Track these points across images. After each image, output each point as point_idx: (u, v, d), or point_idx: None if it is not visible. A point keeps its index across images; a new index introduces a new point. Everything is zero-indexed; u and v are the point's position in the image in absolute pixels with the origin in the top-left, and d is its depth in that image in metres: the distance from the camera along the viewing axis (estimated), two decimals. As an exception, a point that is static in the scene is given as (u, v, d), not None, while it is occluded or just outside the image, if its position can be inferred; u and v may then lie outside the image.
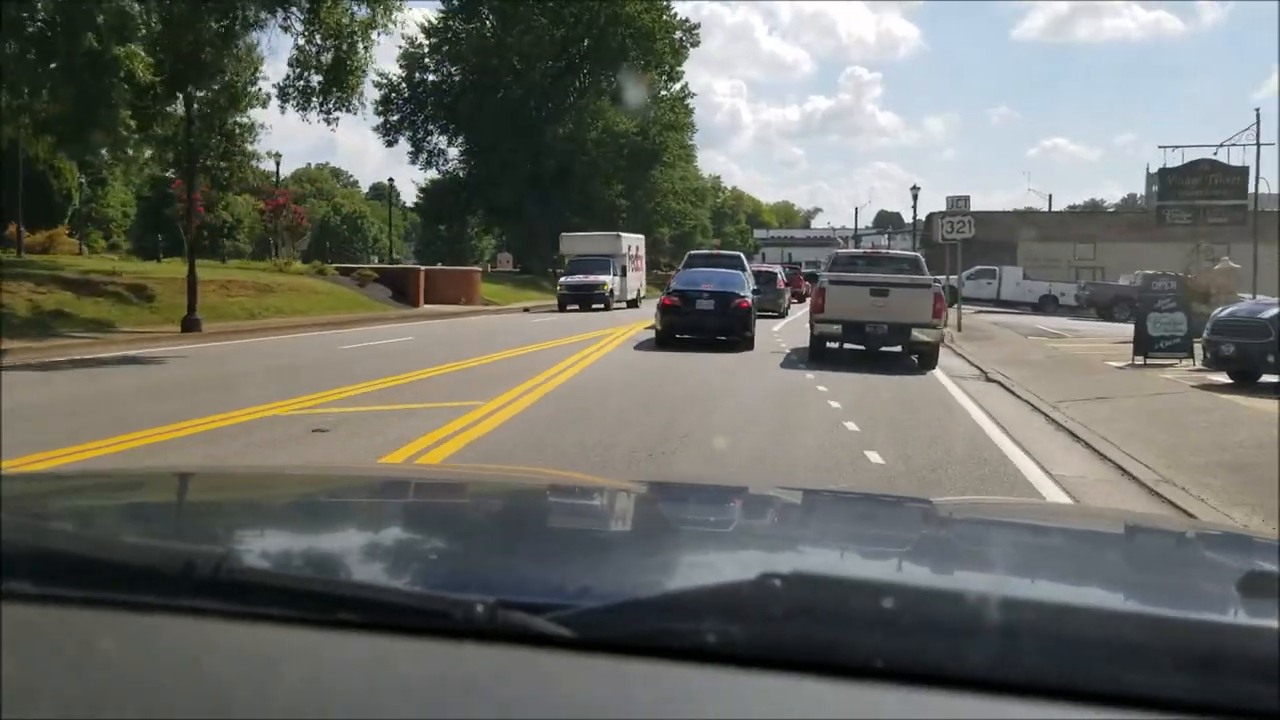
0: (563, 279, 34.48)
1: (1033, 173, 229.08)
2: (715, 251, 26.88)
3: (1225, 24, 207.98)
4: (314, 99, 19.95)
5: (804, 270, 55.10)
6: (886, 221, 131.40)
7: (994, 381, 13.73)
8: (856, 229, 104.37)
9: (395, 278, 31.96)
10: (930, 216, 59.43)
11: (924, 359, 14.75)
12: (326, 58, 19.52)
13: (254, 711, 0.75)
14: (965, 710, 0.75)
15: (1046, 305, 42.05)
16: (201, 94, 19.31)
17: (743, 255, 25.89)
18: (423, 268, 33.78)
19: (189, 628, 0.86)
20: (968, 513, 1.97)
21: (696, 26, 54.04)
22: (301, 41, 19.64)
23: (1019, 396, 11.71)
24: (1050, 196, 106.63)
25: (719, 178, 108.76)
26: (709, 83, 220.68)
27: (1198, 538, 1.81)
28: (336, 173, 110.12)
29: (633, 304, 35.45)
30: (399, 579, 1.07)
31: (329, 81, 19.62)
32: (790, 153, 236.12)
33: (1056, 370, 14.73)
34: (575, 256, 35.25)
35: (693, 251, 25.82)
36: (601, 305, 32.63)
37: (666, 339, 17.41)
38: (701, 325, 17.23)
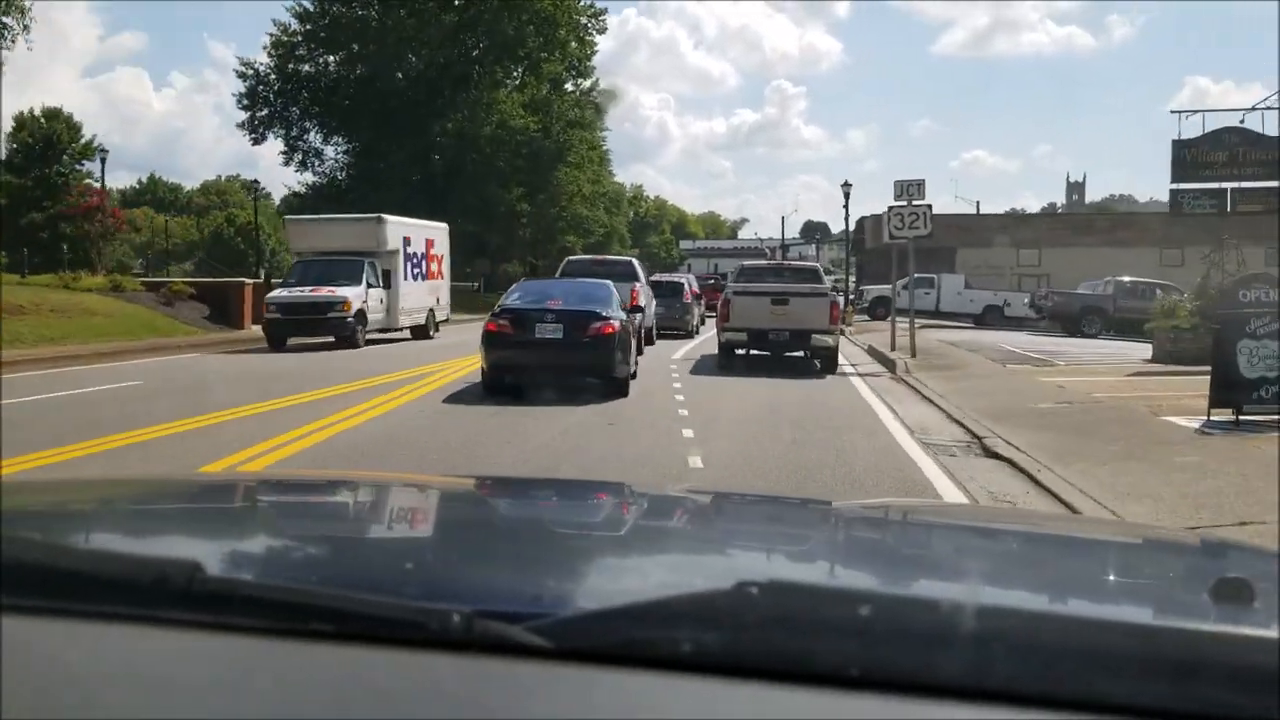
0: (272, 294, 21.18)
1: (955, 184, 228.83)
2: (600, 258, 20.65)
3: (1135, 39, 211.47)
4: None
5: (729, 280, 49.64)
6: (813, 231, 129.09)
7: (1001, 458, 7.97)
8: (784, 239, 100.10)
9: (214, 294, 25.32)
10: (862, 221, 54.30)
11: (824, 362, 15.57)
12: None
13: None
14: (939, 717, 0.74)
15: (991, 317, 36.84)
16: None
17: (636, 263, 19.82)
18: (250, 282, 27.17)
19: (162, 639, 0.85)
20: (941, 521, 1.91)
21: (603, 12, 48.13)
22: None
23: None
24: (978, 204, 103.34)
25: (641, 186, 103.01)
26: (637, 96, 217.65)
27: (1170, 545, 1.76)
28: (250, 185, 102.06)
29: (421, 332, 23.36)
30: (374, 589, 0.95)
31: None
32: (718, 165, 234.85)
33: (1097, 435, 8.96)
34: (307, 256, 22.16)
35: (571, 258, 19.63)
36: (343, 335, 19.80)
37: (495, 384, 11.31)
38: (544, 361, 11.17)
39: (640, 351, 18.33)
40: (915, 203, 17.37)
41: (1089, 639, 0.81)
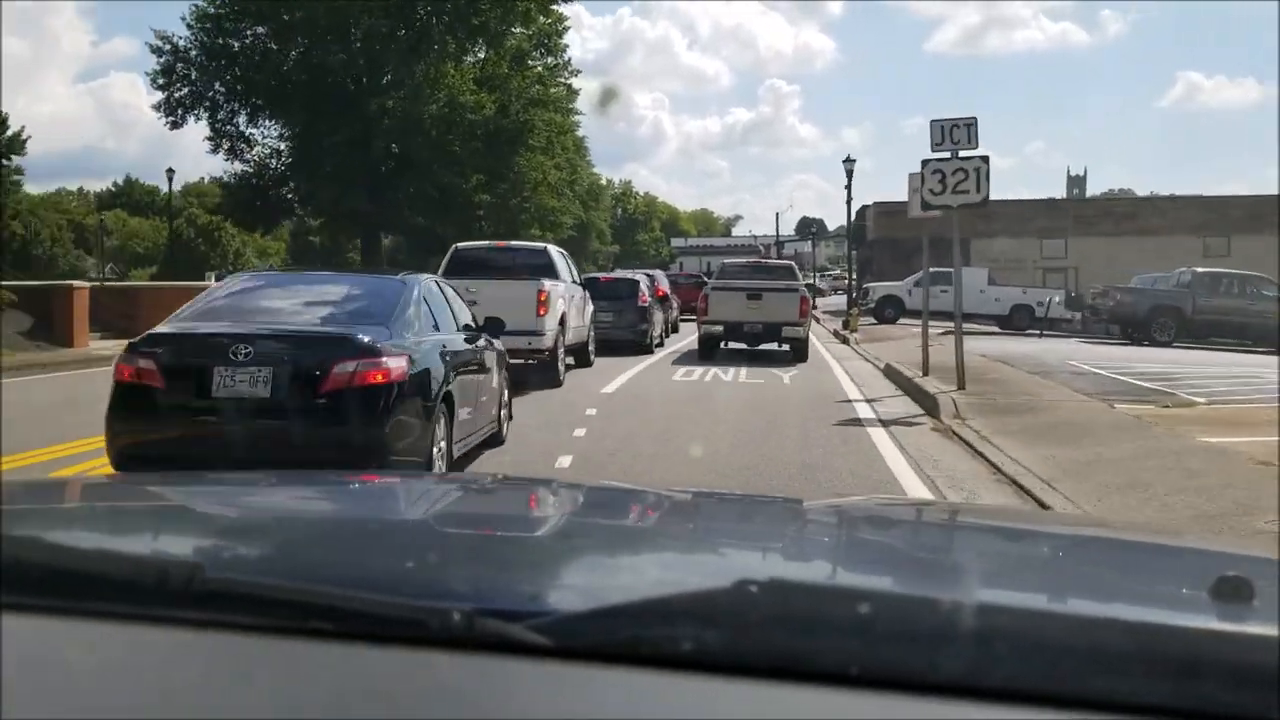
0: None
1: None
2: (504, 244, 14.29)
3: (1128, 35, 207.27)
4: None
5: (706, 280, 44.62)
6: (809, 227, 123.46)
7: None
8: (778, 235, 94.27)
9: (37, 301, 19.23)
10: (864, 210, 48.13)
11: (796, 352, 16.37)
12: None
13: None
14: (940, 715, 0.74)
15: (1020, 318, 30.70)
16: None
17: (555, 251, 13.37)
18: (87, 285, 21.02)
19: (163, 637, 0.84)
20: (941, 519, 1.93)
21: (571, -20, 42.00)
22: None
23: None
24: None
25: (630, 182, 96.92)
26: (631, 96, 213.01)
27: (1170, 544, 1.74)
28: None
29: None
30: (374, 587, 0.94)
31: None
32: (713, 164, 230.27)
33: None
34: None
35: (461, 244, 13.31)
36: None
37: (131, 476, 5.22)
38: (228, 449, 4.96)
39: (559, 381, 12.42)
40: (964, 154, 11.31)
41: (1089, 637, 0.80)
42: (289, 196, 39.16)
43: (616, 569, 1.26)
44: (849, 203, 26.06)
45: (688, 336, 23.73)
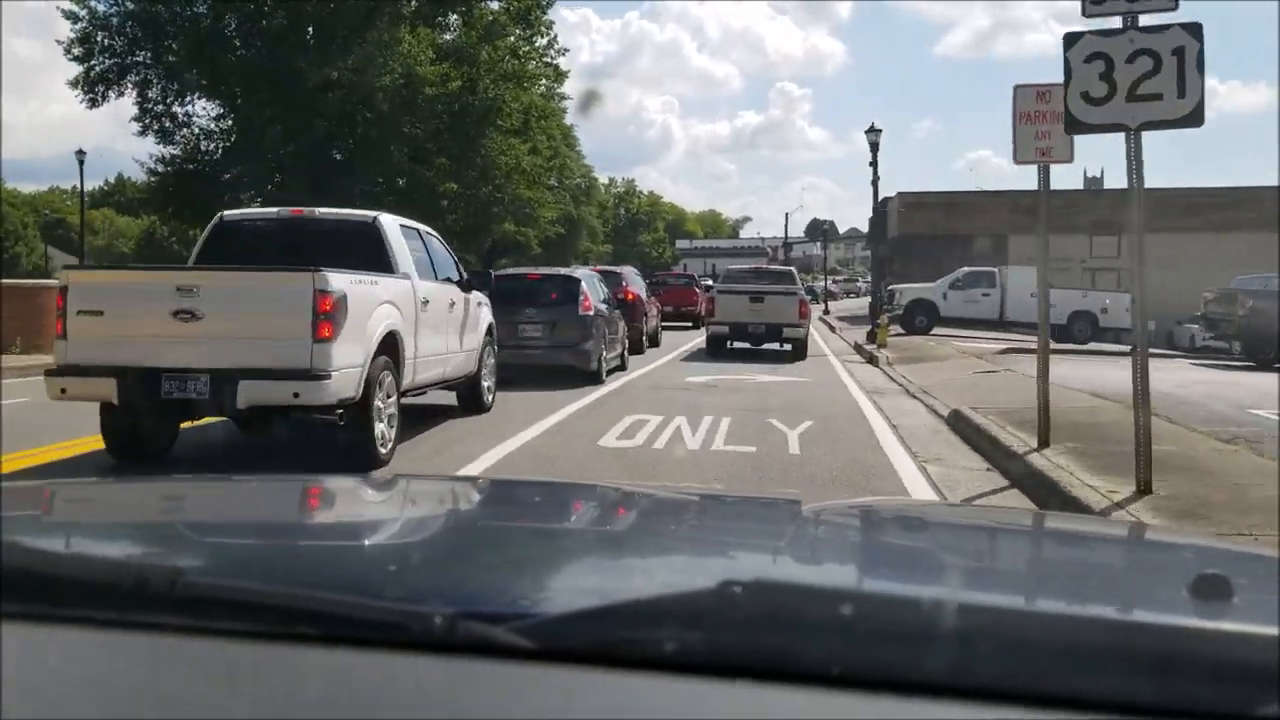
0: None
1: (959, 187, 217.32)
2: (295, 211, 8.34)
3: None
4: None
5: (712, 284, 39.60)
6: (819, 229, 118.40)
7: None
8: (787, 237, 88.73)
9: None
10: (885, 203, 42.21)
11: (795, 350, 16.90)
12: None
13: None
14: (922, 715, 0.73)
15: (1079, 329, 24.96)
16: None
17: (394, 223, 7.33)
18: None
19: (143, 643, 0.83)
20: (924, 519, 1.86)
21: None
22: None
23: None
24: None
25: (633, 181, 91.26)
26: (639, 99, 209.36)
27: (1149, 542, 1.76)
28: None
29: None
30: (357, 591, 0.92)
31: None
32: (721, 168, 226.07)
33: None
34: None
35: (228, 212, 7.57)
36: None
37: None
38: None
39: (373, 459, 6.13)
40: (1148, 21, 5.55)
41: (1070, 635, 0.80)
42: (228, 184, 33.50)
43: (600, 570, 1.25)
44: (875, 181, 20.30)
45: (668, 353, 18.06)
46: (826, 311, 43.41)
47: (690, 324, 28.94)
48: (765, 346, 17.38)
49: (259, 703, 0.76)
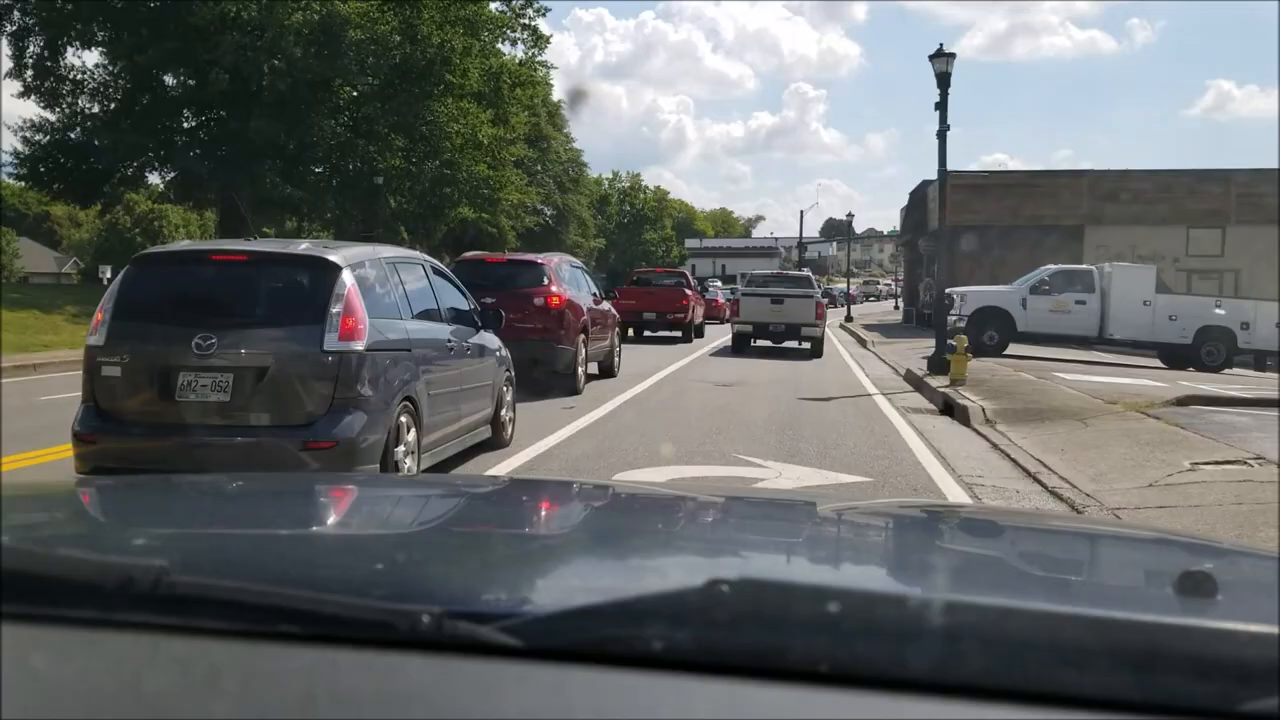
0: None
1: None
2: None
3: (1157, 42, 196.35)
4: None
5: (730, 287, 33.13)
6: (834, 230, 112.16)
7: None
8: (801, 236, 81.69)
9: None
10: (922, 189, 35.09)
11: (813, 347, 17.72)
12: None
13: None
14: (909, 712, 0.73)
15: (1211, 352, 17.87)
16: None
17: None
18: None
19: (128, 642, 0.82)
20: (908, 517, 1.87)
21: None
22: None
23: None
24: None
25: (639, 175, 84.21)
26: (654, 99, 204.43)
27: (1133, 539, 1.75)
28: None
29: None
30: (343, 590, 0.91)
31: None
32: (736, 169, 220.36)
33: None
34: None
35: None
36: None
37: None
38: None
39: None
40: None
41: (1054, 632, 0.79)
42: (110, 154, 26.55)
43: (589, 569, 1.23)
44: (943, 135, 13.16)
45: (626, 390, 11.13)
46: (849, 318, 36.28)
47: (680, 334, 22.05)
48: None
49: (244, 702, 0.74)
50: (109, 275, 27.69)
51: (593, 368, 12.32)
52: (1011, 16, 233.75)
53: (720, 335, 25.65)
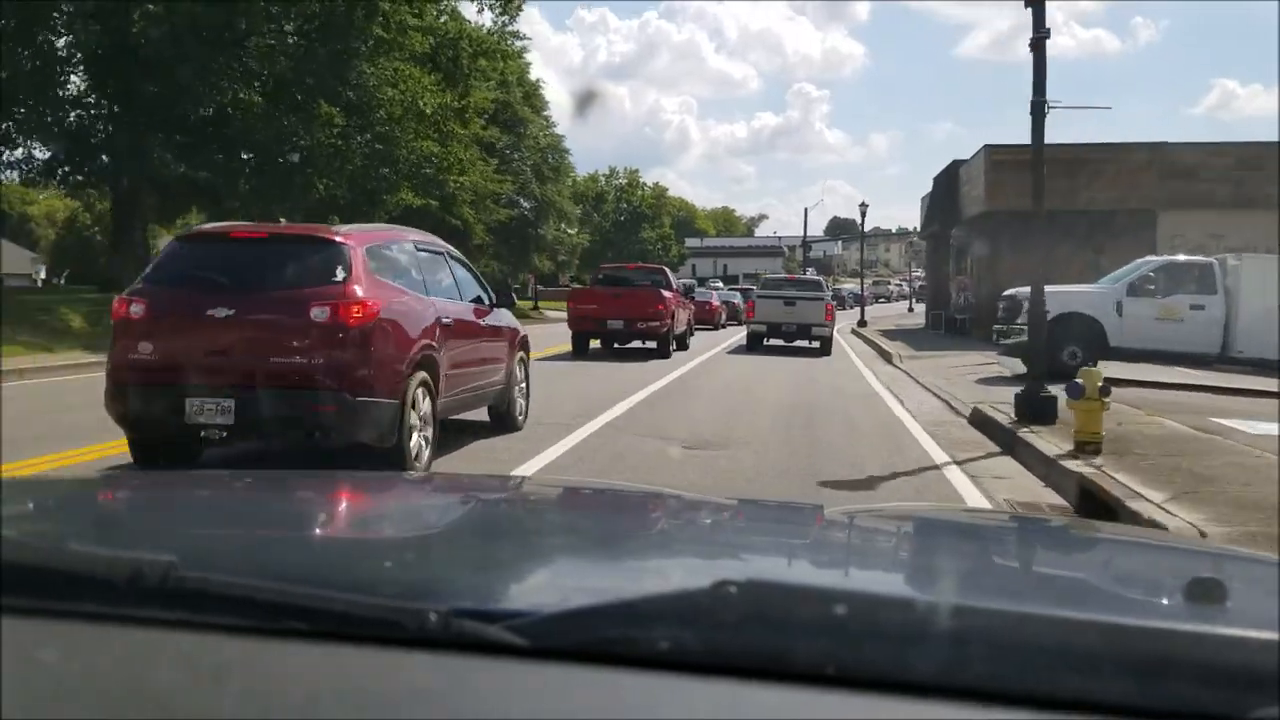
0: None
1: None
2: None
3: (1160, 42, 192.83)
4: None
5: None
6: (840, 229, 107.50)
7: None
8: (805, 235, 76.72)
9: None
10: (953, 170, 29.92)
11: (822, 345, 18.88)
12: None
13: None
14: (915, 715, 0.73)
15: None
16: None
17: None
18: None
19: (136, 637, 0.81)
20: (917, 520, 1.85)
21: None
22: None
23: None
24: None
25: (636, 171, 79.32)
26: (657, 99, 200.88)
27: (1142, 544, 1.73)
28: None
29: None
30: (351, 587, 0.89)
31: None
32: (739, 170, 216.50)
33: None
34: None
35: None
36: None
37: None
38: None
39: None
40: None
41: (1062, 637, 0.78)
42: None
43: (596, 569, 1.22)
44: (1039, 84, 8.34)
45: (526, 458, 5.92)
46: (863, 323, 31.30)
47: (655, 346, 17.17)
48: None
49: (251, 698, 0.74)
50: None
51: (478, 414, 7.44)
52: (1015, 16, 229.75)
53: (709, 345, 20.63)
